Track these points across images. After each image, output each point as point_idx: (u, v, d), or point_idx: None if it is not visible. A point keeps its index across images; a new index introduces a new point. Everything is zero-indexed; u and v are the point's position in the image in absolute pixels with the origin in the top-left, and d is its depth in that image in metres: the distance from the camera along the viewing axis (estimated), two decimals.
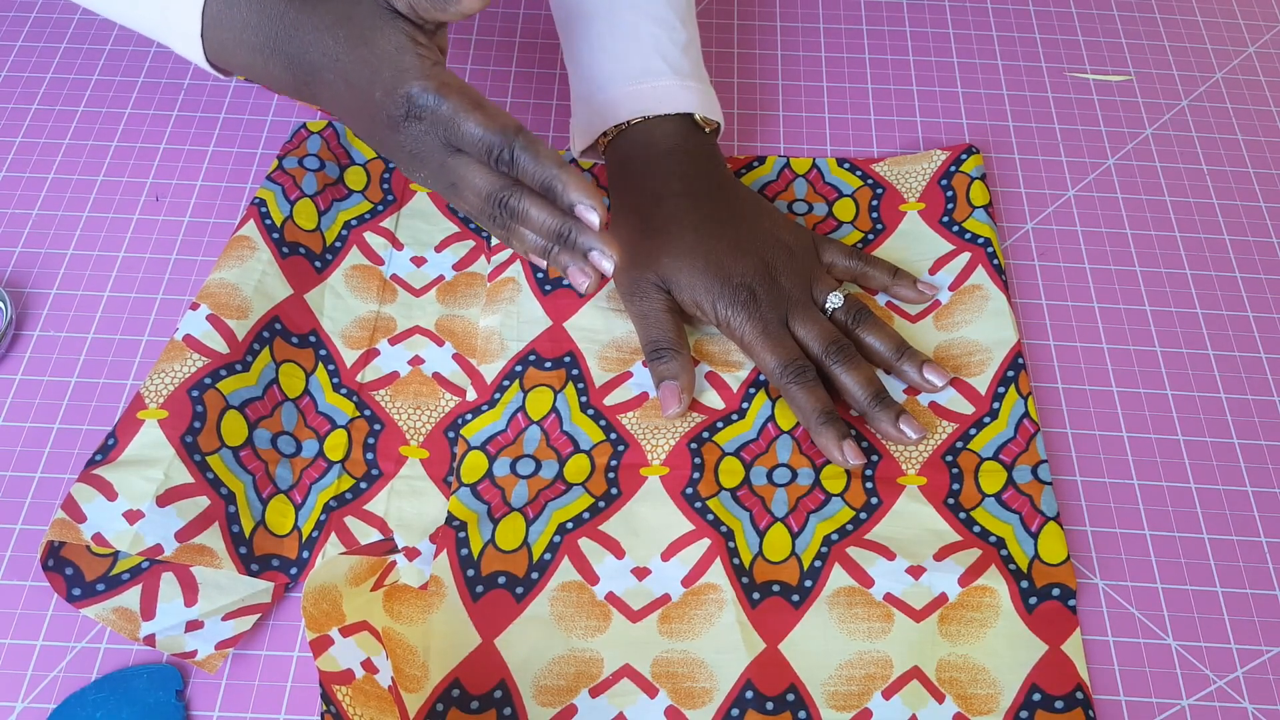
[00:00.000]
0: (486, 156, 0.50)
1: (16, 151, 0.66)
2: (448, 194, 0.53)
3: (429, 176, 0.52)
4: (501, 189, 0.51)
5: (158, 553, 0.49)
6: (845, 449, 0.54)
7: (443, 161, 0.51)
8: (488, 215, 0.52)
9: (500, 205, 0.51)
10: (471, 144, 0.50)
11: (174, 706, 0.48)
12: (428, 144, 0.51)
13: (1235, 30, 0.75)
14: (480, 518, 0.53)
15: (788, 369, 0.55)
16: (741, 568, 0.52)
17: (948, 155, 0.66)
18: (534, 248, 0.52)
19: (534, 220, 0.51)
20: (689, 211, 0.58)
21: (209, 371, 0.54)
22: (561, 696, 0.49)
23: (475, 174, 0.51)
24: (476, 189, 0.51)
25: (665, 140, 0.59)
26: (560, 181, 0.49)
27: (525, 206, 0.51)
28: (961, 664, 0.50)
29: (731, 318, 0.56)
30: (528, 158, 0.49)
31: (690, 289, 0.57)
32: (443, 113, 0.49)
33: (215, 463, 0.52)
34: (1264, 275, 0.63)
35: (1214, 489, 0.56)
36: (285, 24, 0.51)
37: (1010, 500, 0.54)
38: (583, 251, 0.51)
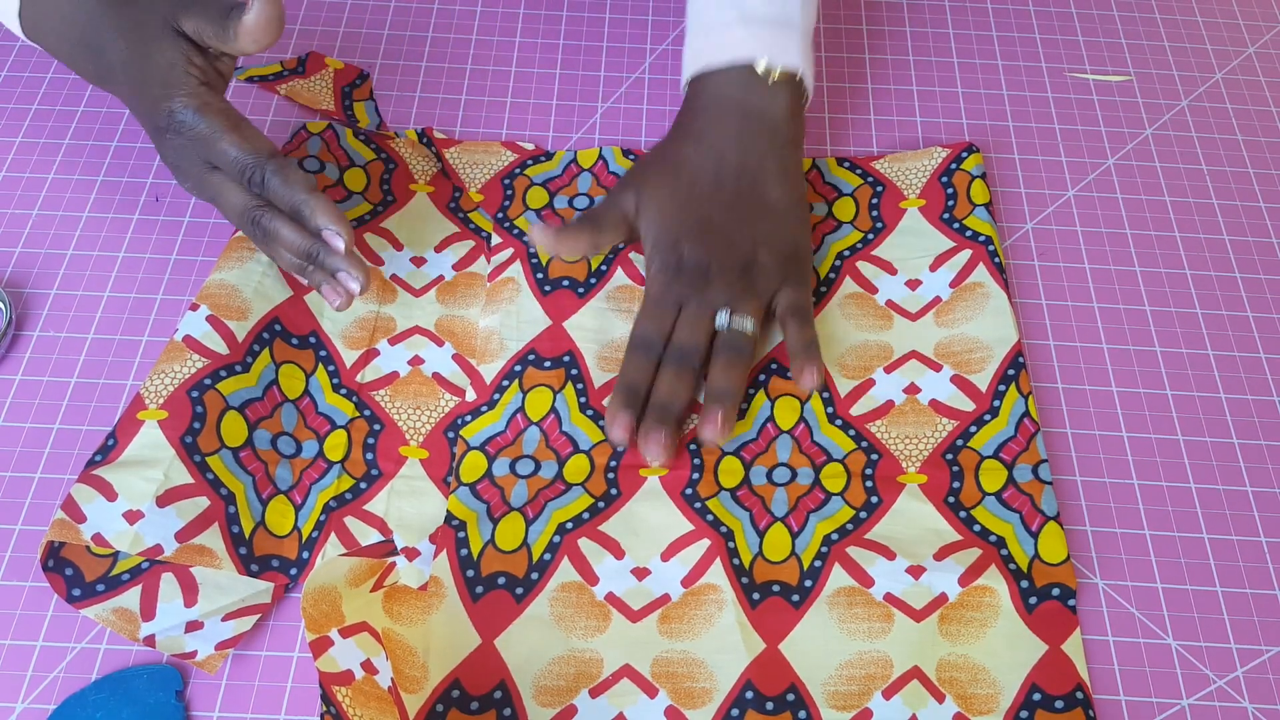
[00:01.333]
0: (240, 176, 0.53)
1: (16, 151, 0.66)
2: (212, 204, 0.56)
3: (192, 188, 0.56)
4: (254, 208, 0.54)
5: (157, 553, 0.49)
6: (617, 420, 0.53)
7: (201, 176, 0.54)
8: (248, 231, 0.55)
9: (254, 223, 0.54)
10: (226, 163, 0.53)
11: (174, 707, 0.48)
12: (188, 157, 0.54)
13: (1235, 30, 0.75)
14: (480, 517, 0.53)
15: (638, 339, 0.56)
16: (741, 568, 0.52)
17: (948, 153, 0.66)
18: (290, 265, 0.55)
19: (285, 239, 0.54)
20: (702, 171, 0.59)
21: (209, 372, 0.54)
22: (561, 697, 0.49)
23: (231, 192, 0.54)
24: (232, 205, 0.54)
25: (737, 96, 0.60)
26: (308, 207, 0.53)
27: (276, 227, 0.54)
28: (961, 664, 0.50)
29: (652, 265, 0.58)
30: (277, 181, 0.53)
31: (648, 221, 0.58)
32: (201, 130, 0.53)
33: (215, 463, 0.52)
34: (1264, 275, 0.63)
35: (1214, 489, 0.56)
36: (92, 19, 0.55)
37: (1011, 499, 0.54)
38: (331, 271, 0.54)
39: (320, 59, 0.70)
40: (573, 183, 0.65)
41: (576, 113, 0.69)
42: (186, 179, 0.56)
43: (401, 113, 0.69)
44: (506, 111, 0.69)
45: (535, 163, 0.66)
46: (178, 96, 0.53)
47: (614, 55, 0.72)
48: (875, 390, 0.58)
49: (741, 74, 0.59)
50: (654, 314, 0.56)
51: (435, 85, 0.70)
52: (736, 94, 0.59)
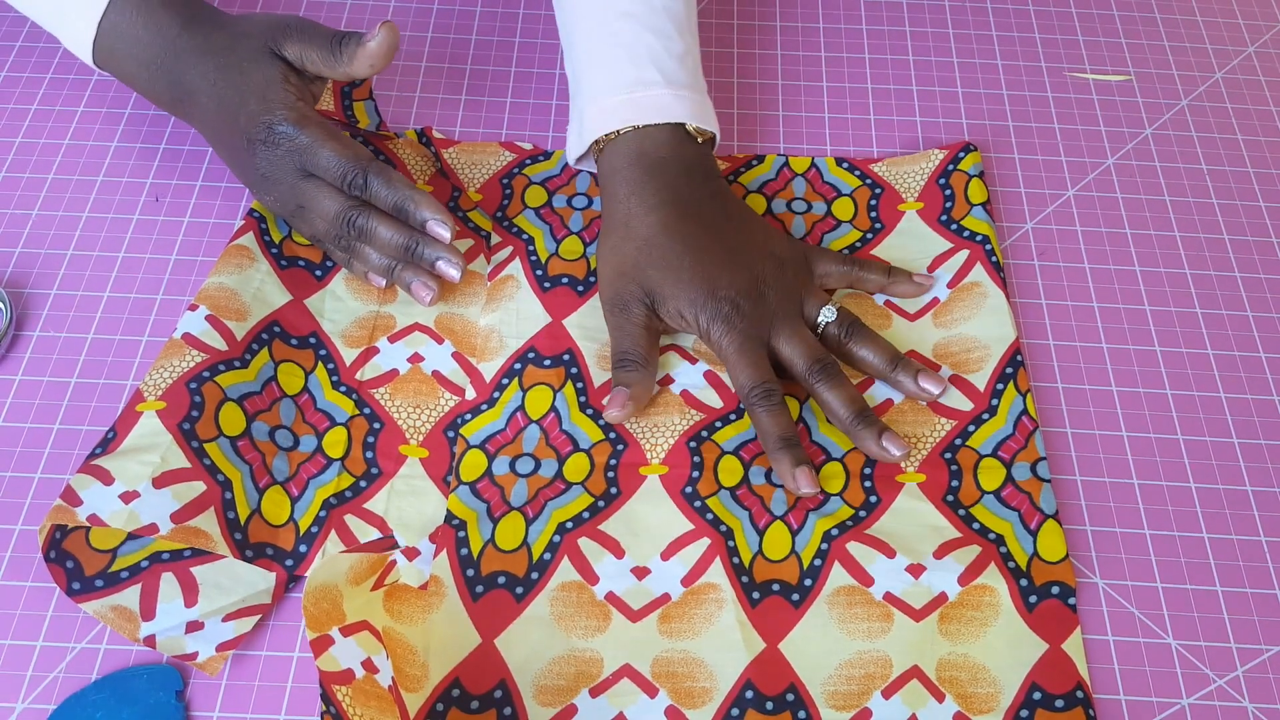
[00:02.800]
0: (340, 181, 0.56)
1: (17, 152, 0.66)
2: (293, 216, 0.58)
3: (277, 199, 0.58)
4: (350, 209, 0.57)
5: (153, 531, 0.49)
6: (798, 475, 0.53)
7: (294, 184, 0.57)
8: (333, 236, 0.58)
9: (349, 224, 0.57)
10: (326, 169, 0.56)
11: (174, 707, 0.48)
12: (281, 168, 0.57)
13: (1235, 30, 0.75)
14: (480, 516, 0.53)
15: (755, 390, 0.54)
16: (741, 567, 0.52)
17: (945, 154, 0.66)
18: (376, 267, 0.58)
19: (381, 238, 0.57)
20: (679, 222, 0.58)
21: (208, 365, 0.54)
22: (561, 696, 0.49)
23: (325, 196, 0.57)
24: (325, 210, 0.57)
25: (657, 150, 0.59)
26: (412, 202, 0.56)
27: (374, 225, 0.57)
28: (961, 663, 0.50)
29: (712, 330, 0.56)
30: (379, 182, 0.56)
31: (675, 299, 0.56)
32: (300, 141, 0.56)
33: (212, 450, 0.52)
34: (1263, 275, 0.63)
35: (1213, 488, 0.56)
36: (175, 47, 0.58)
37: (1009, 498, 0.54)
38: (430, 262, 0.57)
39: None
40: (570, 182, 0.65)
41: None
42: (274, 188, 0.58)
43: (401, 113, 0.69)
44: (506, 111, 0.69)
45: (533, 162, 0.66)
46: (278, 110, 0.56)
47: None
48: (874, 390, 0.58)
49: (674, 132, 0.59)
50: (750, 362, 0.55)
51: (435, 85, 0.70)
52: (671, 151, 0.59)
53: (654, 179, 0.59)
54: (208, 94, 0.58)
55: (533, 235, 0.62)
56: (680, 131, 0.60)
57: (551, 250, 0.62)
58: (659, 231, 0.57)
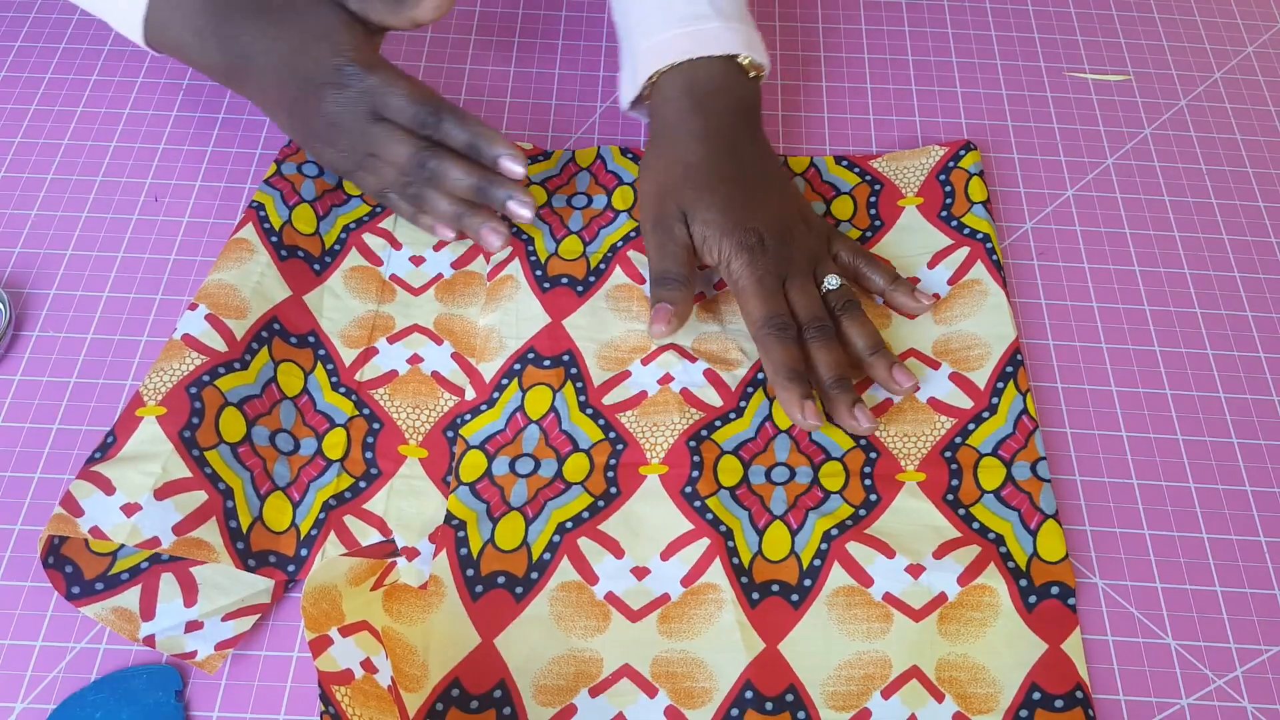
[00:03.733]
0: (412, 122, 0.56)
1: (15, 152, 0.66)
2: (360, 167, 0.58)
3: (345, 149, 0.57)
4: (422, 150, 0.56)
5: (155, 545, 0.49)
6: (805, 409, 0.53)
7: (364, 130, 0.56)
8: (401, 184, 0.57)
9: (420, 166, 0.56)
10: (398, 111, 0.55)
11: (173, 707, 0.48)
12: (351, 112, 0.56)
13: (1234, 30, 0.75)
14: (479, 516, 0.53)
15: (771, 321, 0.55)
16: (741, 567, 0.52)
17: (946, 151, 0.66)
18: (444, 215, 0.57)
19: (451, 179, 0.56)
20: (724, 153, 0.59)
21: (207, 369, 0.54)
22: (561, 696, 0.49)
23: (397, 140, 0.56)
24: (396, 154, 0.56)
25: (709, 82, 0.60)
26: (485, 138, 0.56)
27: (445, 167, 0.56)
28: (961, 663, 0.50)
29: (734, 259, 0.56)
30: (452, 120, 0.56)
31: (704, 223, 0.57)
32: (370, 84, 0.55)
33: (213, 458, 0.52)
34: (1263, 275, 0.63)
35: (1213, 488, 0.56)
36: (227, 7, 0.57)
37: (1009, 497, 0.54)
38: (500, 202, 0.57)
39: None
40: (570, 181, 0.65)
41: (576, 113, 0.69)
42: (342, 137, 0.57)
43: None
44: (506, 111, 0.69)
45: (533, 162, 0.66)
46: (345, 51, 0.56)
47: (613, 55, 0.72)
48: (873, 389, 0.58)
49: (725, 65, 0.60)
50: (767, 294, 0.56)
51: (435, 85, 0.70)
52: (723, 83, 0.60)
53: (704, 109, 0.59)
54: (264, 50, 0.57)
55: (532, 235, 0.62)
56: (732, 66, 0.60)
57: (551, 250, 0.62)
58: (703, 158, 0.58)
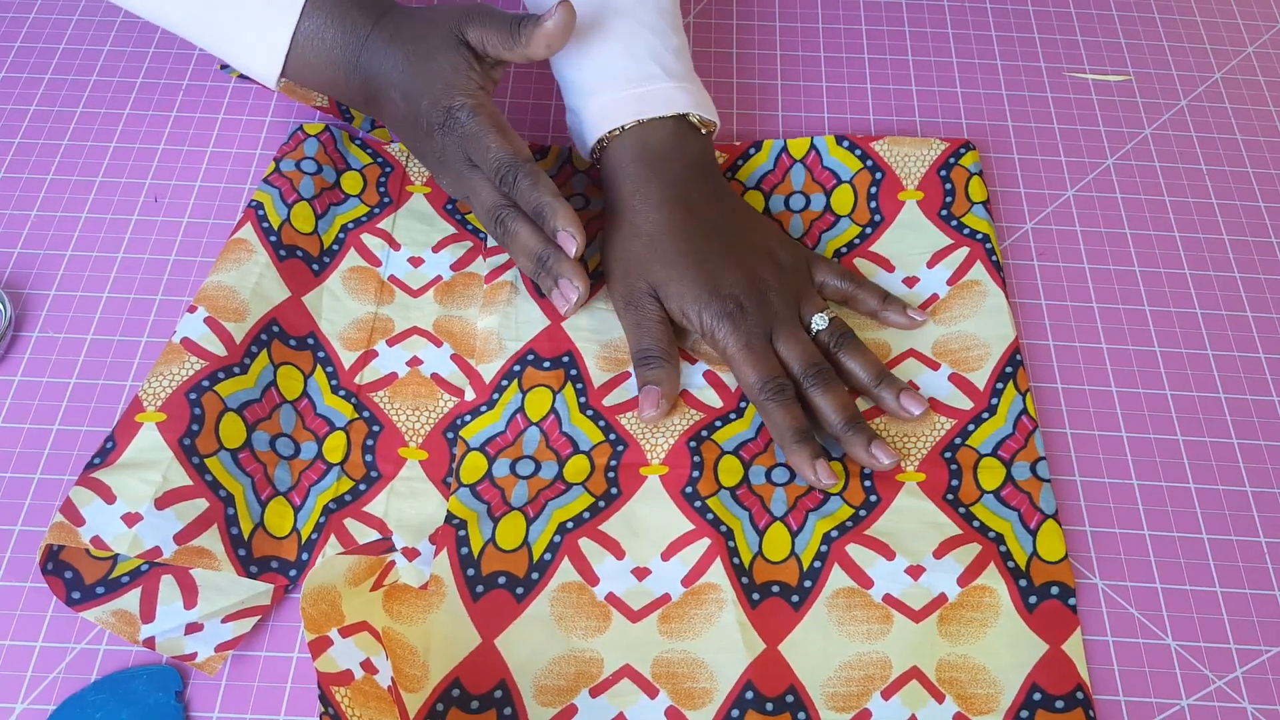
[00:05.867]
0: (494, 175, 0.57)
1: (15, 152, 0.66)
2: (466, 202, 0.59)
3: (451, 183, 0.59)
4: (501, 207, 0.57)
5: (156, 555, 0.49)
6: (819, 468, 0.53)
7: (460, 172, 0.58)
8: (489, 228, 0.58)
9: (498, 222, 0.57)
10: (484, 161, 0.57)
11: (173, 708, 0.48)
12: (453, 154, 0.57)
13: (1234, 30, 0.75)
14: (480, 516, 0.53)
15: (766, 385, 0.55)
16: (741, 567, 0.52)
17: (947, 146, 0.66)
18: (525, 267, 0.58)
19: (521, 242, 0.57)
20: (683, 221, 0.58)
21: (207, 374, 0.54)
22: (562, 696, 0.49)
23: (483, 189, 0.57)
24: (482, 202, 0.57)
25: (661, 145, 0.59)
26: (550, 209, 0.56)
27: (517, 228, 0.57)
28: (961, 664, 0.50)
29: (716, 329, 0.56)
30: (527, 183, 0.56)
31: (679, 298, 0.57)
32: (470, 129, 0.56)
33: (214, 465, 0.52)
34: (1263, 275, 0.63)
35: (1213, 489, 0.56)
36: (368, 43, 0.58)
37: (1009, 497, 0.54)
38: (550, 283, 0.57)
39: None
40: (568, 183, 0.65)
41: None
42: (446, 175, 0.59)
43: None
44: (506, 111, 0.69)
45: None
46: (459, 95, 0.57)
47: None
48: None
49: (676, 124, 0.59)
50: (757, 357, 0.55)
51: None
52: (675, 144, 0.59)
53: (658, 174, 0.59)
54: (398, 85, 0.58)
55: None
56: (683, 124, 0.60)
57: None
58: (663, 229, 0.58)
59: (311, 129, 0.65)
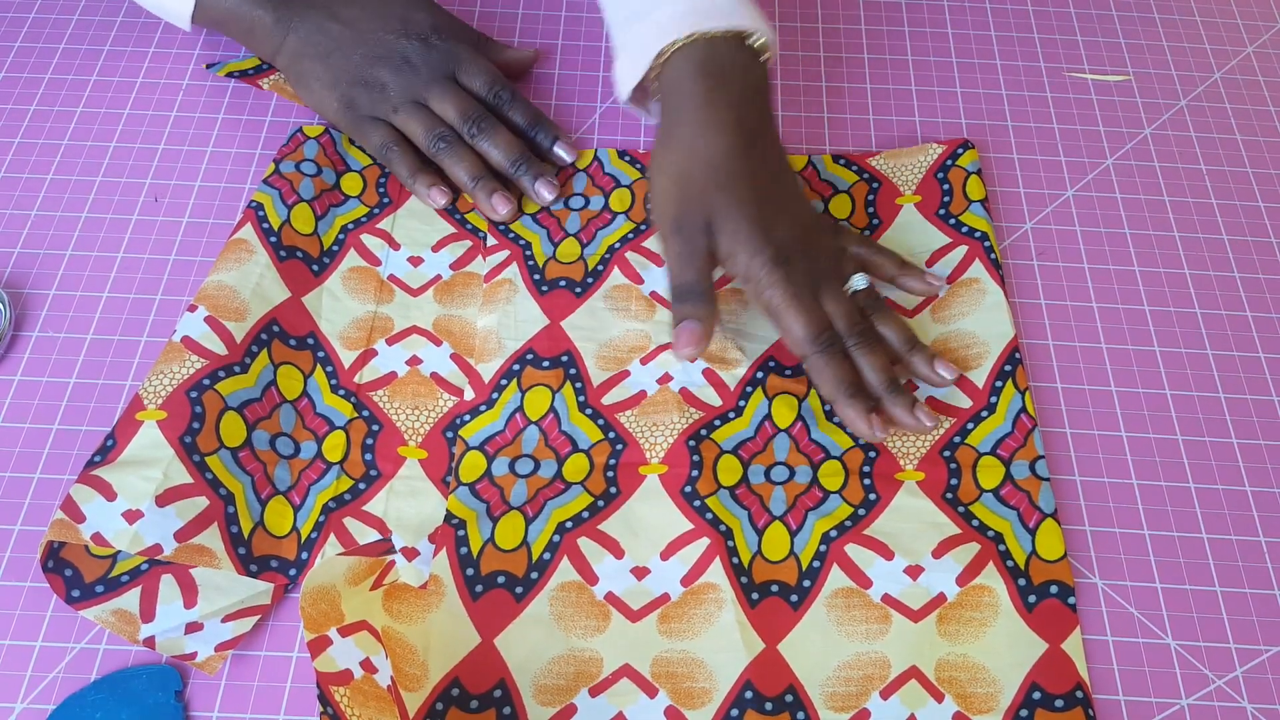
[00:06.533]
0: (486, 90, 0.64)
1: (15, 152, 0.66)
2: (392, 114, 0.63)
3: (392, 90, 0.63)
4: (479, 108, 0.63)
5: (157, 552, 0.49)
6: (874, 422, 0.53)
7: (431, 79, 0.63)
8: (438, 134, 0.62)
9: (473, 121, 0.62)
10: (475, 76, 0.64)
11: (173, 707, 0.48)
12: (428, 62, 0.63)
13: (1234, 30, 0.75)
14: (479, 516, 0.53)
15: (819, 338, 0.54)
16: (740, 567, 0.52)
17: (943, 149, 0.66)
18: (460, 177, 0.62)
19: (496, 137, 0.62)
20: (746, 151, 0.56)
21: (207, 373, 0.54)
22: (561, 696, 0.49)
23: (459, 95, 0.63)
24: (452, 104, 0.62)
25: (721, 62, 0.56)
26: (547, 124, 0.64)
27: (497, 128, 0.62)
28: (961, 663, 0.50)
29: (765, 278, 0.54)
30: (523, 104, 0.64)
31: (733, 237, 0.54)
32: (459, 51, 0.64)
33: (214, 463, 0.52)
34: (1262, 275, 0.63)
35: (1213, 489, 0.56)
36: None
37: (1008, 496, 0.54)
38: (532, 176, 0.62)
39: None
40: (568, 183, 0.65)
41: (576, 113, 0.69)
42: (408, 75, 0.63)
43: None
44: None
45: None
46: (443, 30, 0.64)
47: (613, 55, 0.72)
48: None
49: (736, 45, 0.57)
50: (806, 310, 0.54)
51: None
52: (736, 65, 0.56)
53: (720, 95, 0.56)
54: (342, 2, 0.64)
55: (529, 240, 0.62)
56: (743, 47, 0.57)
57: (549, 254, 0.62)
58: (727, 156, 0.55)
59: (311, 131, 0.65)
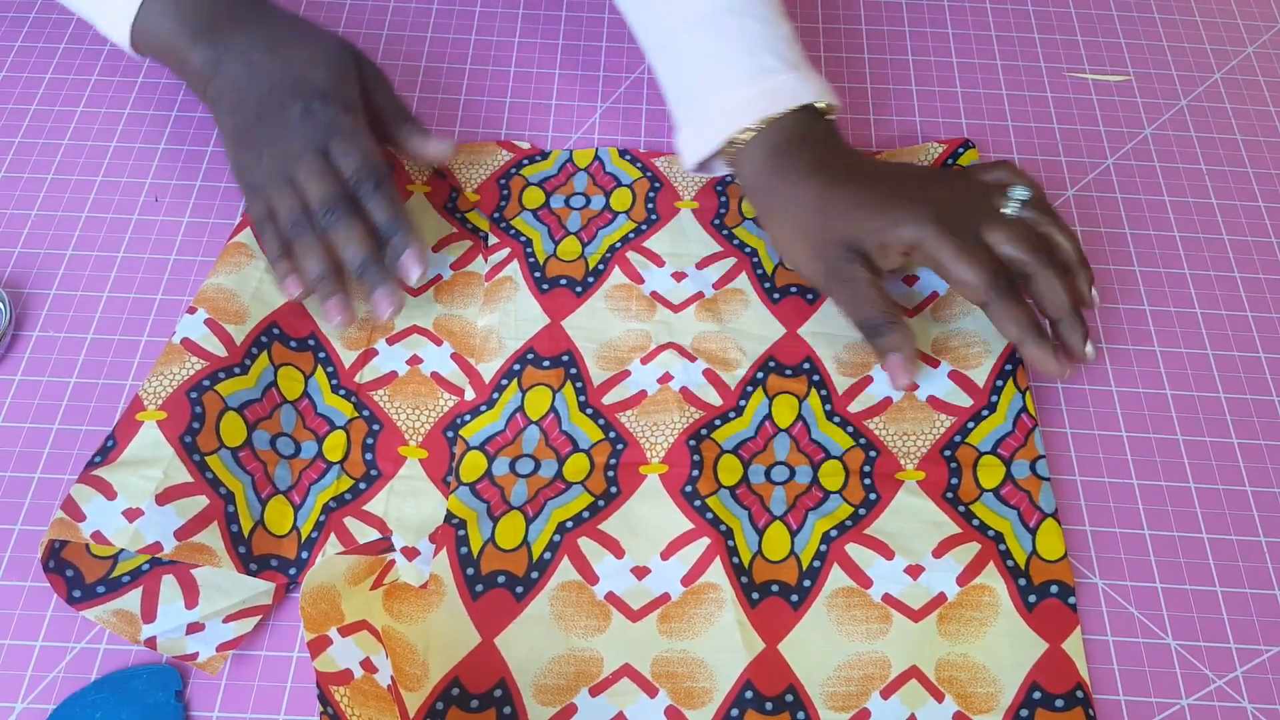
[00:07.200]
0: (352, 173, 0.56)
1: (16, 152, 0.66)
2: (267, 183, 0.57)
3: (270, 157, 0.57)
4: (340, 198, 0.56)
5: (157, 550, 0.49)
6: (1061, 362, 0.54)
7: (302, 152, 0.56)
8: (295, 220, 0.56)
9: (329, 210, 0.56)
10: (344, 155, 0.56)
11: (173, 707, 0.48)
12: (305, 132, 0.57)
13: (1234, 31, 0.75)
14: (480, 516, 0.53)
15: (997, 281, 0.53)
16: (741, 567, 0.52)
17: (944, 148, 0.66)
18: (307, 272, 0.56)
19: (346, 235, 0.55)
20: (843, 173, 0.57)
21: (207, 374, 0.54)
22: (561, 696, 0.49)
23: (325, 177, 0.56)
24: (314, 188, 0.56)
25: (792, 134, 0.58)
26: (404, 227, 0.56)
27: (349, 223, 0.56)
28: (961, 663, 0.50)
29: (925, 238, 0.53)
30: (387, 197, 0.56)
31: (877, 229, 0.54)
32: (341, 121, 0.57)
33: (214, 463, 0.52)
34: (1263, 275, 0.63)
35: (1213, 489, 0.56)
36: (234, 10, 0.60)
37: (1009, 495, 0.54)
38: (375, 283, 0.56)
39: None
40: (569, 182, 0.65)
41: (576, 113, 0.69)
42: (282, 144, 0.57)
43: None
44: (506, 111, 0.69)
45: (531, 162, 0.66)
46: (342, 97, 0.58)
47: (613, 55, 0.72)
48: (873, 388, 0.58)
49: (805, 114, 0.58)
50: (977, 256, 0.53)
51: (435, 85, 0.70)
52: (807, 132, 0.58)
53: (799, 158, 0.57)
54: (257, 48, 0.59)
55: (530, 237, 0.62)
56: (809, 112, 0.58)
57: (549, 251, 0.62)
58: (826, 187, 0.56)
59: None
